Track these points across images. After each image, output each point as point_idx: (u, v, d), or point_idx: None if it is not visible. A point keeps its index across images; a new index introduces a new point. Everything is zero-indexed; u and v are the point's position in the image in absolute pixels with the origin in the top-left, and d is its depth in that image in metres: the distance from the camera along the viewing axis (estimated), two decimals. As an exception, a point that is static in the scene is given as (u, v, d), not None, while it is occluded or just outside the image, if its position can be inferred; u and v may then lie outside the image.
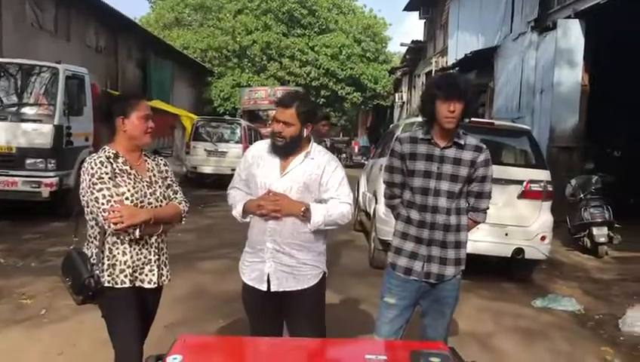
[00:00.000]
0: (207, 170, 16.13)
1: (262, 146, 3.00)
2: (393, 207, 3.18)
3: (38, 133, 8.90)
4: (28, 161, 8.83)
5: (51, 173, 8.94)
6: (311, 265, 2.88)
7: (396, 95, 31.50)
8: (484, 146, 2.99)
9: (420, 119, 7.37)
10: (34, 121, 8.99)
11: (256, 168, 2.91)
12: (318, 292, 2.93)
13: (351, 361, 2.04)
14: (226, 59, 32.47)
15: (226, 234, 8.37)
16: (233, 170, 13.83)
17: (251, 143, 17.80)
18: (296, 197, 2.80)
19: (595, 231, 8.25)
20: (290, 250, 2.82)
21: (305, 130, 2.84)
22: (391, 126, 12.50)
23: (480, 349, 4.43)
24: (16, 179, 8.78)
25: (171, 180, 2.92)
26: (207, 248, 7.89)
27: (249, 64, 32.33)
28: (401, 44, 28.43)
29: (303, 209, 2.76)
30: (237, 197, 2.96)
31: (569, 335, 5.07)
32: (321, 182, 2.85)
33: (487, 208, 3.06)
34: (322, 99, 31.28)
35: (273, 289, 2.84)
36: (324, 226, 2.83)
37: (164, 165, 2.93)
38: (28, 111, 9.17)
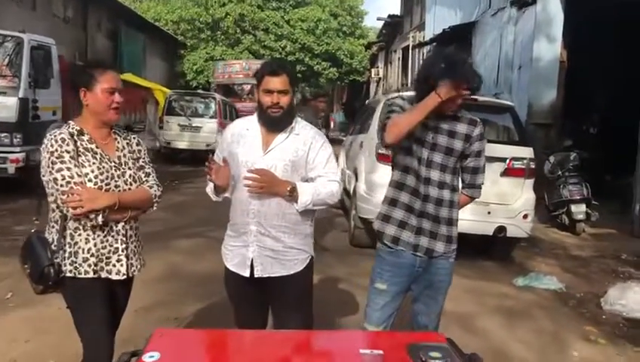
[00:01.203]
0: (181, 145, 15.83)
1: (242, 123, 2.79)
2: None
3: (2, 106, 8.53)
4: (-8, 136, 8.46)
5: (17, 149, 8.62)
6: (297, 249, 2.70)
7: (372, 70, 31.30)
8: (479, 120, 2.86)
9: (402, 94, 7.19)
10: (-4, 93, 8.59)
11: (236, 146, 2.70)
12: (305, 278, 2.76)
13: (345, 356, 1.88)
14: (198, 32, 31.72)
15: (199, 212, 8.16)
16: (208, 145, 13.63)
17: (226, 118, 17.61)
18: (282, 175, 2.60)
19: (573, 208, 8.25)
20: (276, 233, 2.64)
21: (294, 97, 2.65)
22: (368, 101, 12.30)
23: (464, 330, 4.34)
24: (-20, 154, 8.41)
25: (144, 161, 2.65)
26: (180, 226, 7.66)
27: (222, 37, 31.65)
28: (378, 19, 28.16)
29: (289, 188, 2.57)
30: None
31: (552, 315, 5.03)
32: (307, 159, 2.66)
33: (482, 183, 2.92)
34: (298, 75, 30.83)
35: (257, 275, 2.66)
36: (312, 206, 2.64)
37: (137, 144, 2.66)
38: (-9, 82, 8.76)
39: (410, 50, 22.45)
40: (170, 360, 1.71)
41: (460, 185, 2.93)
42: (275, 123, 2.64)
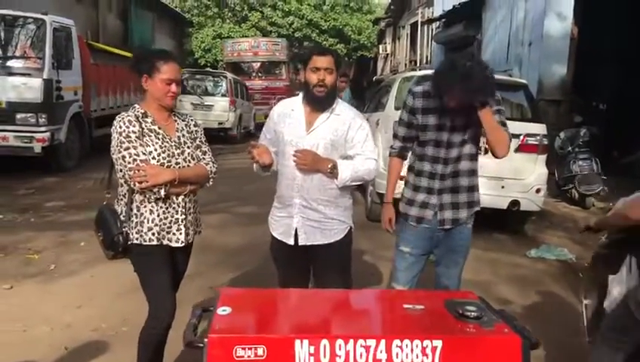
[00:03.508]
0: (194, 123, 15.99)
1: (288, 104, 3.04)
2: (399, 154, 3.22)
3: (28, 87, 8.78)
4: (18, 116, 8.75)
5: (43, 128, 8.88)
6: (338, 220, 2.97)
7: (380, 46, 31.18)
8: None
9: (418, 73, 7.37)
10: (22, 74, 8.86)
11: (282, 126, 2.95)
12: (345, 246, 3.03)
13: (391, 310, 2.16)
14: (205, 9, 31.70)
15: (220, 188, 8.40)
16: (220, 123, 13.87)
17: (237, 96, 17.73)
18: (323, 153, 2.85)
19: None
20: (318, 206, 2.90)
21: (338, 79, 2.88)
22: (377, 78, 12.33)
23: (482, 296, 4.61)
24: (7, 134, 8.71)
25: (201, 141, 2.91)
26: (204, 203, 7.91)
27: (229, 14, 31.63)
28: (386, -6, 27.99)
29: (330, 166, 2.83)
30: None
31: (563, 283, 5.31)
32: (347, 138, 2.90)
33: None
34: (306, 51, 30.85)
35: (301, 243, 2.94)
36: (350, 182, 2.90)
37: (195, 125, 2.93)
38: (15, 64, 9.02)
39: (418, 27, 22.42)
40: (240, 313, 1.99)
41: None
42: (318, 102, 2.87)
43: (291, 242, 2.96)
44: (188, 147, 2.83)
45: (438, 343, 1.82)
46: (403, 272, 3.19)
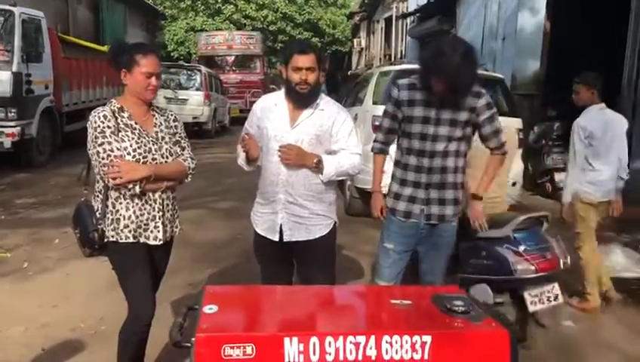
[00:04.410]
0: (168, 117, 15.82)
1: (271, 99, 3.01)
2: (382, 150, 3.26)
3: (-4, 80, 8.54)
4: (-14, 111, 8.51)
5: (12, 123, 8.69)
6: (322, 216, 2.95)
7: (354, 41, 31.26)
8: (483, 91, 3.01)
9: (394, 67, 7.37)
10: (-11, 68, 8.61)
11: (266, 121, 2.92)
12: (329, 242, 3.02)
13: (378, 306, 2.15)
14: (178, 1, 31.30)
15: (196, 183, 8.31)
16: (194, 117, 13.78)
17: (212, 90, 17.59)
18: (308, 148, 2.84)
19: (556, 176, 8.58)
20: (303, 201, 2.88)
21: (320, 75, 2.86)
22: (352, 72, 12.34)
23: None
24: (-24, 129, 8.47)
25: (180, 136, 2.85)
26: (181, 198, 7.81)
27: (202, 6, 31.28)
28: (360, -12, 28.01)
29: (315, 160, 2.81)
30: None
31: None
32: (331, 133, 2.89)
33: (505, 140, 3.10)
34: (280, 45, 30.72)
35: (286, 239, 2.91)
36: (335, 177, 2.90)
37: (174, 120, 2.87)
38: (-18, 57, 8.76)
39: (393, 21, 22.50)
40: (227, 311, 1.96)
41: (489, 151, 3.12)
42: (302, 99, 2.85)
43: (276, 238, 2.93)
44: (166, 142, 2.76)
45: (428, 338, 1.81)
46: (387, 269, 3.19)
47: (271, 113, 2.92)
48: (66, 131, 10.73)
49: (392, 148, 3.30)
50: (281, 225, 2.91)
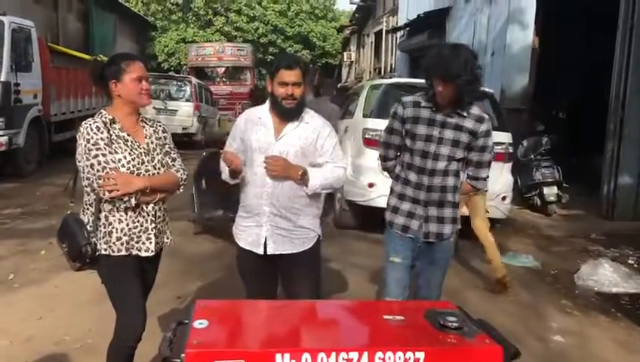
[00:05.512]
0: (157, 128, 15.75)
1: (255, 112, 2.99)
2: (387, 169, 3.26)
3: (-16, 90, 8.46)
4: (-26, 120, 8.42)
5: (0, 132, 8.56)
6: (307, 229, 2.94)
7: (345, 54, 31.43)
8: (487, 117, 3.03)
9: (384, 81, 7.40)
10: (-22, 77, 8.53)
11: (251, 133, 2.90)
12: (314, 255, 3.00)
13: (371, 321, 2.12)
14: (169, 13, 31.36)
15: (182, 195, 8.27)
16: (184, 128, 13.77)
17: (202, 101, 17.58)
18: (293, 160, 2.82)
19: (545, 190, 8.65)
20: (287, 214, 2.86)
21: (305, 89, 2.86)
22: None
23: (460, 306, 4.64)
24: (-37, 139, 8.38)
25: (169, 147, 2.83)
26: (169, 209, 7.76)
27: (193, 18, 31.36)
28: (351, 2, 28.16)
29: (300, 172, 2.80)
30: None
31: (530, 290, 5.39)
32: (316, 146, 2.89)
33: (488, 177, 3.14)
34: (270, 57, 30.83)
35: (270, 252, 2.88)
36: (320, 190, 2.89)
37: (163, 131, 2.85)
38: (-30, 66, 8.68)
39: (383, 35, 22.67)
40: (217, 326, 1.92)
41: (465, 176, 3.13)
42: (288, 113, 2.85)
43: (260, 251, 2.90)
44: (157, 153, 2.75)
45: (421, 355, 1.78)
46: (395, 285, 3.15)
47: (255, 125, 2.91)
48: (54, 141, 10.64)
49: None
50: (265, 238, 2.88)
